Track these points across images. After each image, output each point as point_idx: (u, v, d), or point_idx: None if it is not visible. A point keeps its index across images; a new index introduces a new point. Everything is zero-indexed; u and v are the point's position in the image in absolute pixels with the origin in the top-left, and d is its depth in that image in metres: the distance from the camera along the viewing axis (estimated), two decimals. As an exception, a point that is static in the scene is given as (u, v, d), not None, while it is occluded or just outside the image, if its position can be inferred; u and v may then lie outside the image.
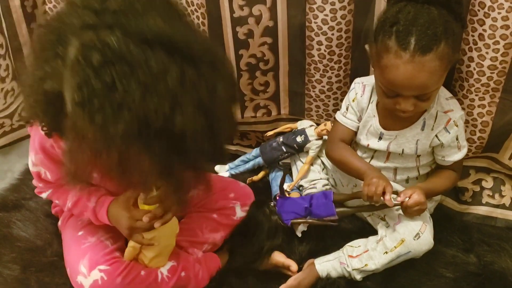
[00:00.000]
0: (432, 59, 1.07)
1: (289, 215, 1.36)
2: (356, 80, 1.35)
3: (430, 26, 1.07)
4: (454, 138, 1.24)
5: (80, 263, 1.15)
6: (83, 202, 1.17)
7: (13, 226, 1.43)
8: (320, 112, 1.52)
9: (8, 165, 1.65)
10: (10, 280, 1.29)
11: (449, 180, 1.32)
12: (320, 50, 1.37)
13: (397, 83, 1.11)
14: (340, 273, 1.28)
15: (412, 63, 1.07)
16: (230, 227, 1.34)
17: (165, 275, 1.20)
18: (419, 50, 1.07)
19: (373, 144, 1.32)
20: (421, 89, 1.11)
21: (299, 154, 1.52)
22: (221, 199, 1.34)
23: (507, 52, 1.18)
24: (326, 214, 1.32)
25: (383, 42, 1.11)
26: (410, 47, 1.07)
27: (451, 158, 1.27)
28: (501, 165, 1.41)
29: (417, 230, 1.22)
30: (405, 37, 1.07)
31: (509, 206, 1.46)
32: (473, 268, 1.32)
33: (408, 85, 1.10)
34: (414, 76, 1.08)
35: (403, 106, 1.15)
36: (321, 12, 1.30)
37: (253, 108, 1.55)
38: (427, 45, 1.06)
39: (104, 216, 1.14)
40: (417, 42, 1.07)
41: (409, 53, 1.07)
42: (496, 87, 1.25)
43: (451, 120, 1.22)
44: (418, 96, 1.13)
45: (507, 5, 1.13)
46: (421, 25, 1.07)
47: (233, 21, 1.35)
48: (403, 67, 1.08)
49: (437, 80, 1.11)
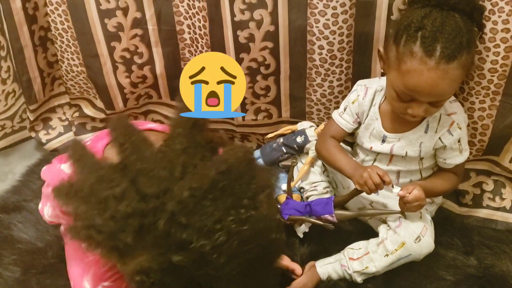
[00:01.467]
0: (455, 68, 1.07)
1: (289, 211, 1.37)
2: (359, 82, 1.35)
3: (457, 35, 1.07)
4: (457, 140, 1.24)
5: (83, 278, 1.14)
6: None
7: (14, 228, 1.42)
8: (321, 115, 1.52)
9: (9, 167, 1.66)
10: (11, 282, 1.29)
11: (449, 182, 1.31)
12: (322, 54, 1.37)
13: (418, 89, 1.10)
14: (341, 276, 1.28)
15: (436, 70, 1.07)
16: None
17: None
18: (445, 58, 1.06)
19: (376, 147, 1.32)
20: (440, 96, 1.12)
21: (300, 155, 1.52)
22: None
23: (507, 55, 1.18)
24: (324, 212, 1.32)
25: (407, 46, 1.10)
26: (436, 54, 1.06)
27: (453, 161, 1.27)
28: (501, 168, 1.41)
29: (418, 233, 1.22)
30: (431, 43, 1.07)
31: (509, 209, 1.46)
32: (474, 271, 1.32)
33: (428, 91, 1.10)
34: (437, 84, 1.08)
35: (416, 111, 1.14)
36: (322, 17, 1.30)
37: (254, 111, 1.55)
38: (452, 54, 1.06)
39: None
40: (443, 49, 1.06)
41: (434, 60, 1.06)
42: (496, 90, 1.25)
43: (455, 123, 1.22)
44: (432, 102, 1.13)
45: (507, 9, 1.13)
46: (448, 33, 1.07)
47: (234, 24, 1.35)
48: (427, 73, 1.07)
49: (456, 88, 1.13)
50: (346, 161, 1.31)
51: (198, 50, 1.47)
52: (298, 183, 1.48)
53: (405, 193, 1.19)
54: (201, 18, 1.39)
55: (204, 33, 1.41)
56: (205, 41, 1.43)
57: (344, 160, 1.31)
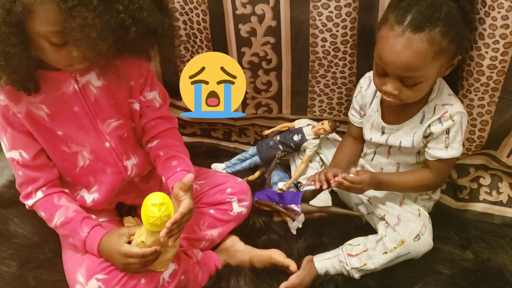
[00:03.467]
0: (421, 40, 1.08)
1: (260, 195, 1.41)
2: (365, 75, 1.36)
3: (429, 8, 1.08)
4: (445, 131, 1.22)
5: (77, 272, 1.14)
6: (73, 226, 1.15)
7: (11, 223, 1.42)
8: (323, 106, 1.52)
9: (5, 162, 1.61)
10: (7, 276, 1.29)
11: (418, 180, 1.29)
12: (325, 47, 1.36)
13: (384, 56, 1.13)
14: (339, 271, 1.28)
15: (401, 38, 1.09)
16: (227, 223, 1.35)
17: (166, 280, 1.19)
18: (411, 27, 1.08)
19: (375, 138, 1.33)
20: (405, 68, 1.11)
21: (298, 152, 1.52)
22: (218, 194, 1.34)
23: (506, 51, 1.18)
24: (291, 202, 1.36)
25: (385, 15, 1.14)
26: (405, 22, 1.09)
27: (434, 152, 1.25)
28: (499, 162, 1.42)
29: (417, 232, 1.23)
30: (404, 12, 1.09)
31: (506, 203, 1.46)
32: (470, 265, 1.33)
33: (392, 60, 1.11)
34: (400, 52, 1.10)
35: (389, 87, 1.16)
36: (325, 9, 1.30)
37: (254, 105, 1.55)
38: (420, 24, 1.07)
39: (94, 250, 1.14)
40: (412, 19, 1.08)
41: (401, 28, 1.09)
42: (495, 86, 1.25)
43: (447, 113, 1.21)
44: (403, 79, 1.14)
45: (507, 4, 1.13)
46: (422, 6, 1.08)
47: (236, 18, 1.35)
48: (393, 39, 1.10)
49: (422, 65, 1.11)
50: (333, 158, 1.39)
51: (196, 45, 1.46)
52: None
53: (355, 176, 1.22)
54: (199, 13, 1.38)
55: (203, 27, 1.40)
56: (205, 35, 1.42)
57: (334, 158, 1.39)
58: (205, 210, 1.33)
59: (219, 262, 1.31)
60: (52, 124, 1.13)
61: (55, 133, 1.14)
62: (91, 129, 1.17)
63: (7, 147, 1.14)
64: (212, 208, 1.33)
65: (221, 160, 1.63)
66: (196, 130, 1.73)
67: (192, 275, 1.24)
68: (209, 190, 1.35)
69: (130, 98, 1.20)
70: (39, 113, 1.10)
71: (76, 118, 1.14)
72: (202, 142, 1.74)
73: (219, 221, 1.34)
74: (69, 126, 1.14)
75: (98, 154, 1.19)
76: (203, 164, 1.55)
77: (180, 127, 1.71)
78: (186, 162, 1.22)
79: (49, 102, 1.10)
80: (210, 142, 1.74)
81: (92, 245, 1.14)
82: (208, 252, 1.32)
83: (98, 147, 1.19)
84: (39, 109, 1.10)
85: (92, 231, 1.15)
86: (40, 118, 1.11)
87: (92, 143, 1.18)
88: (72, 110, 1.13)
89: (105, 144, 1.19)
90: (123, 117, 1.20)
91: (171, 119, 1.29)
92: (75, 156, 1.19)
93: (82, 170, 1.21)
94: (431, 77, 1.14)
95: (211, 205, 1.34)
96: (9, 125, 1.11)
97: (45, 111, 1.11)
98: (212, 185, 1.36)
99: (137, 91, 1.20)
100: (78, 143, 1.17)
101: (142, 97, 1.22)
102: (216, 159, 1.65)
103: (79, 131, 1.16)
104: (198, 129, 1.72)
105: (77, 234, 1.14)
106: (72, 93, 1.12)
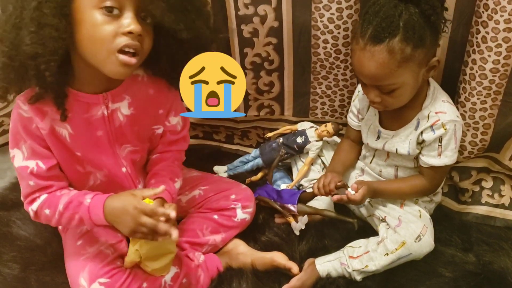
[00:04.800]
0: (381, 51, 1.10)
1: (261, 192, 1.43)
2: None
3: (386, 19, 1.09)
4: (437, 139, 1.22)
5: (80, 276, 1.14)
6: (77, 201, 1.09)
7: (13, 225, 1.42)
8: (325, 109, 1.52)
9: (8, 164, 1.64)
10: (10, 279, 1.29)
11: (411, 186, 1.30)
12: (326, 48, 1.37)
13: (355, 68, 1.18)
14: (340, 274, 1.28)
15: (363, 51, 1.12)
16: (230, 229, 1.35)
17: (168, 283, 1.19)
18: (371, 40, 1.11)
19: (371, 143, 1.34)
20: (372, 78, 1.15)
21: (300, 155, 1.52)
22: (222, 200, 1.34)
23: (509, 55, 1.18)
24: (288, 201, 1.38)
25: (354, 27, 1.18)
26: (366, 36, 1.11)
27: (427, 160, 1.25)
28: (501, 165, 1.42)
29: (418, 233, 1.23)
30: (366, 25, 1.12)
31: (508, 206, 1.46)
32: (472, 268, 1.33)
33: (360, 71, 1.16)
34: (364, 64, 1.13)
35: (370, 96, 1.19)
36: (327, 11, 1.30)
37: (256, 107, 1.55)
38: (378, 36, 1.10)
39: (100, 214, 1.06)
40: (371, 32, 1.11)
41: (363, 41, 1.12)
42: (498, 90, 1.24)
43: (439, 121, 1.21)
44: (378, 87, 1.16)
45: (509, 8, 1.12)
46: (380, 18, 1.10)
47: (238, 18, 1.35)
48: (358, 53, 1.14)
49: (389, 74, 1.12)
50: (331, 162, 1.41)
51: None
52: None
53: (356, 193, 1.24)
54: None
55: (206, 28, 1.41)
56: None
57: (332, 161, 1.41)
58: (209, 216, 1.33)
59: (221, 265, 1.31)
60: (72, 144, 1.11)
61: (73, 153, 1.12)
62: (110, 153, 1.16)
63: (24, 156, 1.09)
64: (216, 214, 1.33)
65: (223, 163, 1.63)
66: (198, 133, 1.73)
67: (194, 278, 1.24)
68: (213, 196, 1.35)
69: (155, 125, 1.21)
70: (61, 131, 1.09)
71: (98, 142, 1.13)
72: (205, 144, 1.74)
73: (223, 227, 1.33)
74: (89, 148, 1.13)
75: (114, 178, 1.19)
76: (206, 166, 1.55)
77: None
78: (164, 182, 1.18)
79: (74, 123, 1.09)
80: (212, 145, 1.74)
81: (97, 209, 1.06)
82: (210, 255, 1.32)
83: (115, 171, 1.18)
84: (62, 127, 1.09)
85: (95, 197, 1.09)
86: (61, 137, 1.10)
87: (110, 167, 1.17)
88: (96, 134, 1.12)
89: (122, 169, 1.19)
90: (141, 143, 1.20)
91: (185, 141, 1.29)
92: (87, 175, 1.18)
93: (90, 188, 1.19)
94: (406, 83, 1.15)
95: (215, 211, 1.34)
96: (30, 137, 1.07)
97: (68, 130, 1.09)
98: (216, 191, 1.36)
99: (164, 117, 1.21)
100: (94, 166, 1.16)
101: (167, 122, 1.23)
102: (218, 162, 1.65)
103: (99, 155, 1.15)
104: (200, 132, 1.72)
105: (80, 205, 1.08)
106: (100, 117, 1.11)
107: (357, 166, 1.45)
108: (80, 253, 1.18)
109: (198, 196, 1.34)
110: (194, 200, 1.36)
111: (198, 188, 1.35)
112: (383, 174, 1.37)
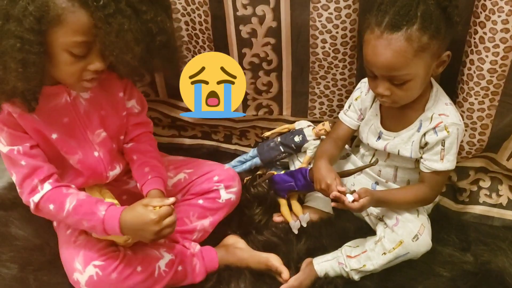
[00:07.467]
0: (399, 38, 1.10)
1: (283, 192, 1.44)
2: (363, 80, 1.36)
3: (405, 7, 1.10)
4: (440, 143, 1.22)
5: (75, 260, 1.16)
6: (88, 208, 1.13)
7: (11, 225, 1.43)
8: (324, 109, 1.52)
9: (5, 164, 1.64)
10: (8, 279, 1.29)
11: (414, 195, 1.27)
12: (325, 48, 1.37)
13: (368, 59, 1.16)
14: (338, 273, 1.29)
15: (380, 39, 1.12)
16: (217, 211, 1.36)
17: (162, 269, 1.21)
18: (389, 27, 1.11)
19: (372, 143, 1.33)
20: (388, 68, 1.14)
21: (297, 154, 1.52)
22: (205, 182, 1.36)
23: (506, 55, 1.18)
24: (309, 191, 1.41)
25: (367, 20, 1.17)
26: (383, 24, 1.11)
27: (430, 164, 1.24)
28: (499, 165, 1.42)
29: (415, 232, 1.23)
30: (383, 15, 1.12)
31: (506, 206, 1.46)
32: (470, 267, 1.33)
33: (375, 61, 1.14)
34: (380, 53, 1.12)
35: (380, 89, 1.18)
36: (325, 11, 1.30)
37: (255, 107, 1.55)
38: (396, 24, 1.10)
39: (116, 227, 1.11)
40: (389, 19, 1.11)
41: (380, 29, 1.12)
42: (495, 90, 1.25)
43: (442, 123, 1.21)
44: (390, 79, 1.16)
45: (507, 8, 1.13)
46: (398, 6, 1.11)
47: (236, 19, 1.35)
48: (373, 42, 1.13)
49: (405, 63, 1.12)
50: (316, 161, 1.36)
51: (199, 46, 1.47)
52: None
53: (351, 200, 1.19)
54: (201, 13, 1.38)
55: (205, 28, 1.41)
56: (207, 36, 1.42)
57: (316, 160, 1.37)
58: (193, 201, 1.35)
59: (217, 256, 1.32)
60: (44, 127, 1.14)
61: (47, 137, 1.15)
62: (82, 139, 1.20)
63: (5, 143, 1.13)
64: (201, 198, 1.35)
65: (221, 162, 1.62)
66: (197, 133, 1.73)
67: (190, 266, 1.26)
68: (197, 179, 1.37)
69: (121, 110, 1.26)
70: (32, 115, 1.12)
71: (67, 129, 1.17)
72: (203, 144, 1.74)
73: (209, 210, 1.35)
74: (60, 135, 1.16)
75: (87, 162, 1.22)
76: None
77: (181, 129, 1.72)
78: (157, 168, 1.26)
79: (41, 113, 1.13)
80: (210, 144, 1.74)
81: (113, 223, 1.11)
82: (206, 247, 1.33)
83: (87, 156, 1.21)
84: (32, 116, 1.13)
85: (109, 209, 1.13)
86: (35, 120, 1.12)
87: (83, 152, 1.21)
88: (62, 121, 1.16)
89: (94, 153, 1.22)
90: (113, 129, 1.25)
91: (147, 124, 1.35)
92: (65, 158, 1.20)
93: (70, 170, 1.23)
94: (419, 75, 1.15)
95: (199, 195, 1.36)
96: (4, 125, 1.11)
97: (36, 119, 1.13)
98: (199, 174, 1.38)
99: (125, 101, 1.26)
100: (68, 151, 1.19)
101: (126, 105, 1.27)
102: (216, 161, 1.64)
103: (70, 139, 1.18)
104: (199, 132, 1.73)
105: (93, 215, 1.12)
106: (64, 104, 1.15)
107: (356, 165, 1.45)
108: (74, 240, 1.20)
109: (183, 180, 1.37)
110: (179, 184, 1.38)
111: (183, 172, 1.38)
112: (382, 174, 1.37)
